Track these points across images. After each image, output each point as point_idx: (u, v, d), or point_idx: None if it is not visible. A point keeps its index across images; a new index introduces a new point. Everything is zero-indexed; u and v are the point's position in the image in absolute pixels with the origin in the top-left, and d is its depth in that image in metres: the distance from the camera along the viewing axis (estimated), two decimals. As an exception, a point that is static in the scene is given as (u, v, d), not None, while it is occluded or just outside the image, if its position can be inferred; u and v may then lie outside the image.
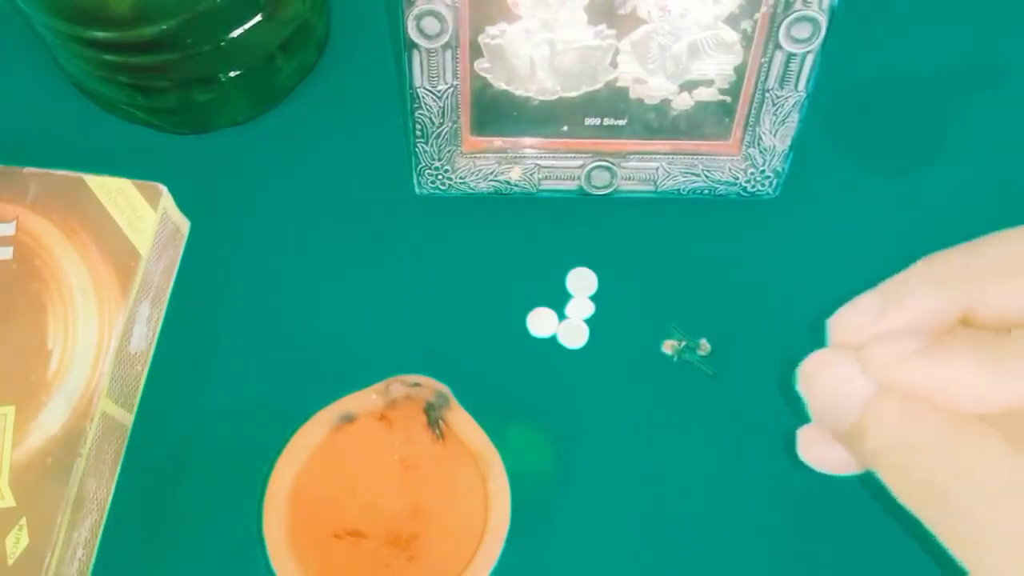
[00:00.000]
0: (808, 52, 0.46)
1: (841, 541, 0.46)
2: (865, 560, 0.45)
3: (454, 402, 0.44)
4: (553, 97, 0.48)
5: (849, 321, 0.25)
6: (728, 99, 0.48)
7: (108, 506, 0.46)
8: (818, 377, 0.25)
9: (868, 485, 0.25)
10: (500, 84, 0.48)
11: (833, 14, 0.44)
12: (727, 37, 0.46)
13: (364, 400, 0.44)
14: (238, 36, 0.49)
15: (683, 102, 0.48)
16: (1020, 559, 0.21)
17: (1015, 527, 0.21)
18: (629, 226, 0.52)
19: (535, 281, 0.51)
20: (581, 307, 0.50)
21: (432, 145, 0.49)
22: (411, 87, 0.47)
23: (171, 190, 0.48)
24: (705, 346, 0.49)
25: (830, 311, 0.27)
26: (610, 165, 0.50)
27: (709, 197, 0.52)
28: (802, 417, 0.28)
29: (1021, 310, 0.23)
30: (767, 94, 0.47)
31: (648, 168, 0.50)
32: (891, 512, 0.24)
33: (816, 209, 0.53)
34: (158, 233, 0.48)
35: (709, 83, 0.48)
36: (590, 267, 0.51)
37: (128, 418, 0.47)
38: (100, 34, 0.46)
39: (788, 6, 0.44)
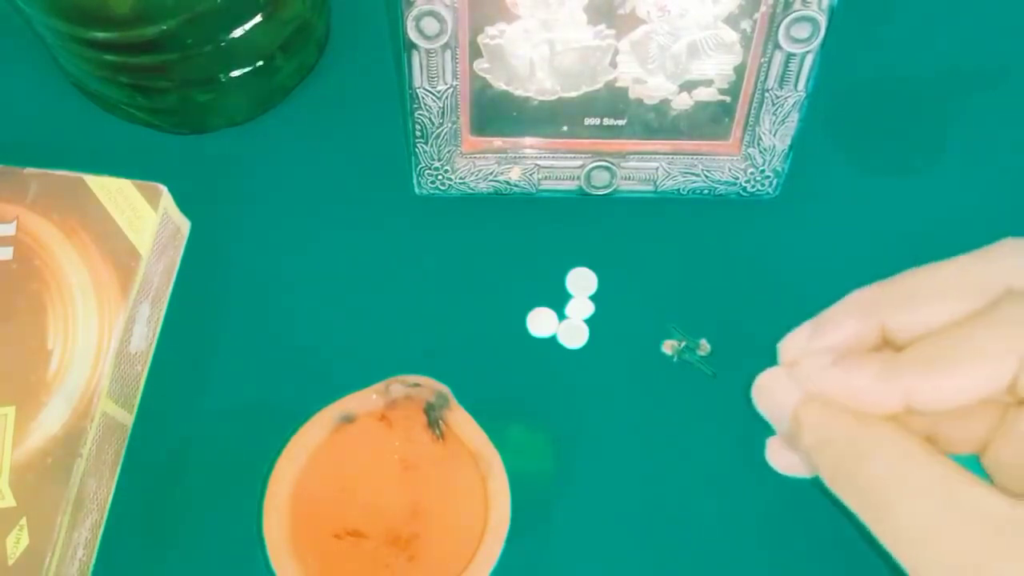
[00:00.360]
0: (808, 52, 0.46)
1: (842, 541, 0.46)
2: (866, 560, 0.45)
3: (454, 402, 0.44)
4: (553, 97, 0.48)
5: (791, 344, 0.30)
6: (728, 99, 0.48)
7: (108, 506, 0.46)
8: (763, 391, 0.30)
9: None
10: (500, 84, 0.48)
11: (832, 14, 0.44)
12: (726, 37, 0.46)
13: (364, 400, 0.44)
14: (238, 36, 0.49)
15: (683, 102, 0.48)
16: (912, 521, 0.25)
17: (906, 497, 0.25)
18: (629, 226, 0.52)
19: (535, 281, 0.51)
20: (581, 307, 0.50)
21: (432, 145, 0.49)
22: (411, 87, 0.47)
23: (171, 190, 0.48)
24: (705, 346, 0.49)
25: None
26: (610, 165, 0.50)
27: (709, 197, 0.52)
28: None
29: (921, 332, 0.27)
30: (767, 94, 0.47)
31: (648, 168, 0.50)
32: (837, 507, 0.28)
33: (816, 209, 0.53)
34: (158, 233, 0.48)
35: (709, 83, 0.48)
36: (590, 267, 0.51)
37: (128, 418, 0.47)
38: (100, 34, 0.46)
39: (787, 6, 0.44)
